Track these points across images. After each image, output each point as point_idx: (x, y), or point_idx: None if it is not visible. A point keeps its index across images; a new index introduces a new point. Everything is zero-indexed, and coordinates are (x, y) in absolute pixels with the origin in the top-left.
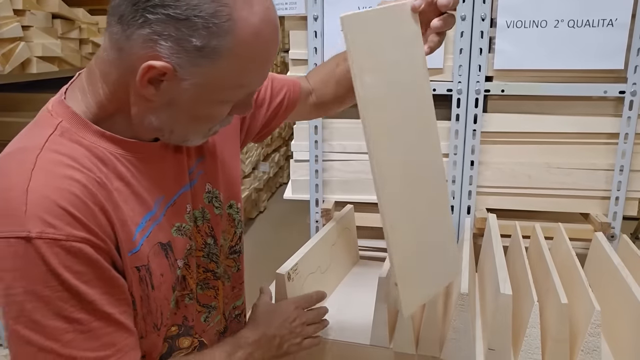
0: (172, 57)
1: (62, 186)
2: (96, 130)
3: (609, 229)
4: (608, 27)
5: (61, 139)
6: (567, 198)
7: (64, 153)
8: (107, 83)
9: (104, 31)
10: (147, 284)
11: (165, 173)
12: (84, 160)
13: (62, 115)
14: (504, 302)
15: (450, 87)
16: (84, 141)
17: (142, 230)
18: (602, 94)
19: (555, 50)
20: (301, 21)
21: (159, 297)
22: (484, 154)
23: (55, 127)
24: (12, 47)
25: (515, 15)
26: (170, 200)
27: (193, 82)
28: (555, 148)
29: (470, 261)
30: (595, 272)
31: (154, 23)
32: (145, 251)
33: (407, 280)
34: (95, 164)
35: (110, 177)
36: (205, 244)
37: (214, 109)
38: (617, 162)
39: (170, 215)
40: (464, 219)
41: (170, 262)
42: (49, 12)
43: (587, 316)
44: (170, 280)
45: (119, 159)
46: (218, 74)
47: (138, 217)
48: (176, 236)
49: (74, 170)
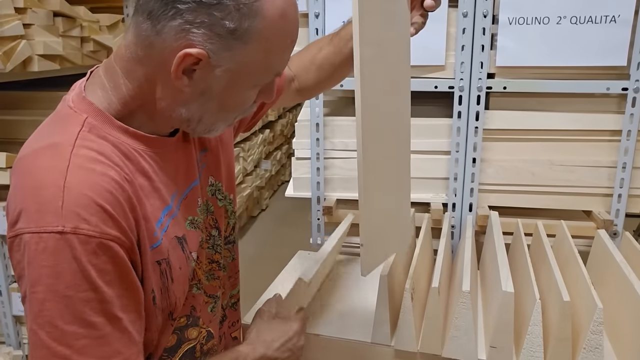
0: (206, 43)
1: (99, 183)
2: (119, 127)
3: (611, 226)
4: (611, 23)
5: (90, 135)
6: (569, 195)
7: (96, 149)
8: (131, 80)
9: (125, 30)
10: (167, 277)
11: (178, 168)
12: (113, 156)
13: (86, 112)
14: (506, 299)
15: (452, 84)
16: (109, 137)
17: (161, 225)
18: (605, 90)
19: (558, 47)
20: (302, 18)
21: (177, 289)
22: (486, 151)
23: (83, 124)
24: (13, 45)
25: (517, 12)
26: (183, 194)
27: (226, 68)
28: (557, 145)
29: (472, 259)
30: (597, 270)
31: (185, 12)
32: (165, 245)
33: (371, 244)
34: (122, 160)
35: (135, 173)
36: (210, 236)
37: (244, 95)
38: (620, 159)
39: (183, 209)
40: (466, 216)
41: (187, 255)
42: (50, 10)
43: (590, 314)
44: (187, 272)
45: (141, 154)
46: (249, 57)
47: (158, 212)
48: (189, 229)
49: (107, 167)
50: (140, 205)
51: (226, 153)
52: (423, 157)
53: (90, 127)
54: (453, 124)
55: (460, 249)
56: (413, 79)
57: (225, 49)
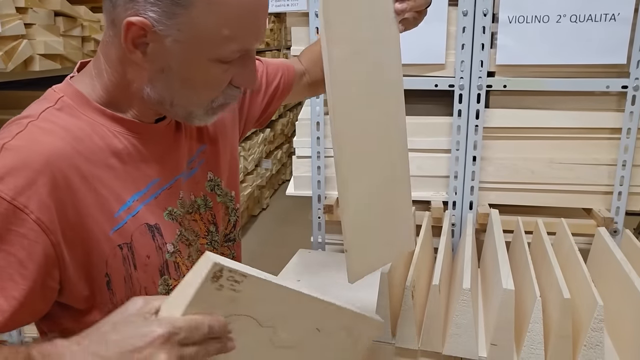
0: (148, 11)
1: (39, 151)
2: (96, 108)
3: (611, 224)
4: (610, 21)
5: (59, 112)
6: (569, 193)
7: (58, 124)
8: (109, 64)
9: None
10: (129, 263)
11: (164, 156)
12: (78, 132)
13: (64, 92)
14: (507, 297)
15: (452, 82)
16: (82, 117)
17: (129, 208)
18: (605, 88)
19: (558, 45)
20: (303, 17)
21: (143, 278)
22: (486, 150)
23: (56, 102)
24: (14, 44)
25: (517, 11)
26: (166, 183)
27: (174, 39)
28: (557, 143)
29: (473, 256)
30: (598, 268)
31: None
32: (130, 229)
33: (357, 249)
34: (90, 137)
35: (105, 152)
36: (208, 232)
37: (207, 71)
38: (620, 157)
39: (163, 199)
40: (467, 214)
41: (157, 245)
42: (51, 9)
43: (590, 311)
44: (156, 263)
45: (117, 136)
46: (197, 24)
47: (126, 195)
48: (167, 220)
49: (59, 139)
50: (97, 185)
51: (229, 149)
52: (423, 155)
53: (63, 105)
54: (453, 123)
55: (460, 247)
56: (413, 77)
57: (168, 17)
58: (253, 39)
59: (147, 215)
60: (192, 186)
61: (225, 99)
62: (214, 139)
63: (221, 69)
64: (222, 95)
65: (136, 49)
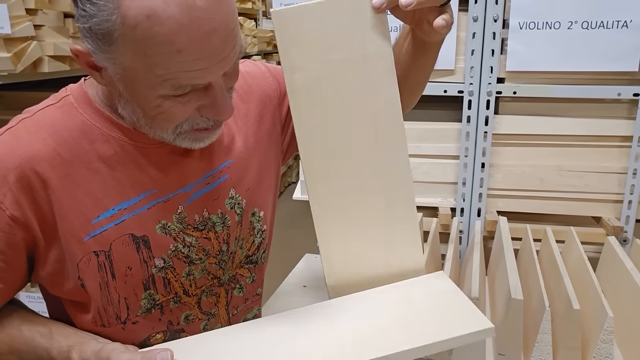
0: (85, 40)
1: (15, 153)
2: (97, 109)
3: (621, 233)
4: (622, 28)
5: (57, 110)
6: (579, 201)
7: (47, 122)
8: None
9: None
10: (106, 271)
11: (166, 169)
12: (64, 133)
13: (72, 91)
14: (515, 307)
15: (461, 88)
16: (79, 116)
17: (112, 216)
18: (616, 96)
19: (568, 51)
20: None
21: (122, 288)
22: (495, 156)
23: (59, 100)
24: (24, 46)
25: (528, 17)
26: (163, 196)
27: (114, 71)
28: (567, 150)
29: (481, 264)
30: (607, 277)
31: (77, 4)
32: (110, 237)
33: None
34: (76, 139)
35: (90, 155)
36: (220, 251)
37: (157, 105)
38: (630, 165)
39: (157, 211)
40: (475, 221)
41: (142, 258)
42: (61, 11)
43: (600, 322)
44: (139, 275)
45: (109, 140)
46: (125, 62)
47: (110, 203)
48: (159, 233)
49: (40, 141)
50: (73, 188)
51: (259, 168)
52: (432, 161)
53: (65, 103)
54: (462, 129)
55: (468, 254)
56: None
57: (100, 50)
58: (204, 74)
59: (133, 226)
60: (206, 202)
61: (192, 125)
62: (243, 156)
63: (173, 102)
64: (187, 123)
65: (93, 70)
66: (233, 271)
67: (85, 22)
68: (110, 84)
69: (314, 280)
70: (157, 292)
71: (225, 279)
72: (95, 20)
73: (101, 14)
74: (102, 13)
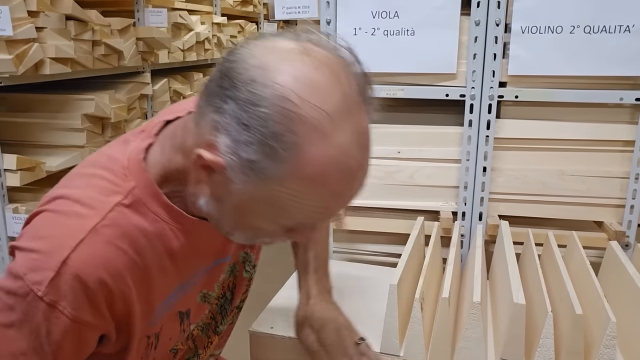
0: (227, 155)
1: (97, 272)
2: (164, 203)
3: (623, 238)
4: (625, 33)
5: (127, 210)
6: (580, 206)
7: (121, 232)
8: (181, 149)
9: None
10: (152, 347)
11: (209, 244)
12: (140, 239)
13: (136, 180)
14: (518, 312)
15: (463, 92)
16: (149, 214)
17: (169, 303)
18: (618, 100)
19: (571, 56)
20: (314, 25)
21: (159, 354)
22: (497, 160)
23: (126, 195)
24: (25, 48)
25: (530, 21)
26: (205, 268)
27: (240, 189)
28: (569, 155)
29: (482, 269)
30: (609, 282)
31: (226, 114)
32: (162, 321)
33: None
34: (151, 241)
35: (161, 256)
36: (223, 295)
37: (260, 225)
38: (633, 170)
39: (201, 283)
40: (476, 225)
41: (183, 328)
42: (63, 13)
43: (602, 327)
44: (175, 340)
45: (175, 233)
46: (263, 195)
47: (170, 290)
48: (199, 302)
49: (120, 254)
50: (145, 290)
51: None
52: (433, 165)
53: (133, 200)
54: (464, 133)
55: (469, 258)
56: (424, 86)
57: (241, 172)
58: (328, 216)
59: (182, 303)
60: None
61: (271, 240)
62: None
63: (277, 228)
64: (273, 241)
65: (202, 170)
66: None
67: (242, 144)
68: (211, 185)
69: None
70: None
71: (221, 329)
72: (254, 154)
73: (266, 156)
74: (267, 155)
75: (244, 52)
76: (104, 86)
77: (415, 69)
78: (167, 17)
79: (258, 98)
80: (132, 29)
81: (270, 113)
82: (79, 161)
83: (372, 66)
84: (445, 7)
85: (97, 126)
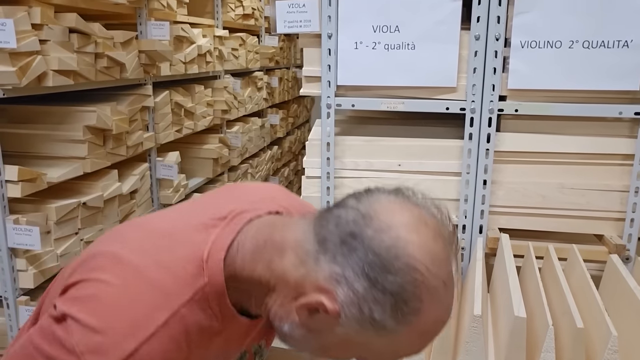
0: (345, 307)
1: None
2: (224, 305)
3: (623, 251)
4: (623, 48)
5: (195, 306)
6: (580, 219)
7: (185, 329)
8: (269, 270)
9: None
10: None
11: (241, 340)
12: (194, 334)
13: (210, 276)
14: (519, 325)
15: (463, 105)
16: (208, 310)
17: None
18: (617, 114)
19: (570, 70)
20: (315, 39)
21: None
22: (497, 174)
23: (197, 290)
24: (29, 60)
25: (529, 36)
26: (225, 355)
27: (346, 333)
28: (569, 168)
29: (483, 282)
30: (610, 295)
31: (350, 268)
32: None
33: None
34: (201, 335)
35: (203, 346)
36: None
37: (343, 356)
38: (632, 183)
39: None
40: (477, 238)
41: None
42: (66, 26)
43: (604, 341)
44: None
45: (220, 328)
46: (372, 344)
47: None
48: None
49: (179, 352)
50: None
51: None
52: (433, 177)
53: (202, 296)
54: (464, 146)
55: (470, 271)
56: (425, 100)
57: (358, 324)
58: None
59: None
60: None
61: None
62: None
63: (354, 356)
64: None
65: (305, 309)
66: None
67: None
68: (309, 321)
69: None
70: None
71: None
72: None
73: (393, 318)
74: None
75: (366, 209)
76: (106, 98)
77: (415, 82)
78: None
79: (390, 265)
80: (134, 41)
81: (401, 282)
82: (80, 172)
83: (373, 80)
84: (445, 21)
85: (99, 138)
